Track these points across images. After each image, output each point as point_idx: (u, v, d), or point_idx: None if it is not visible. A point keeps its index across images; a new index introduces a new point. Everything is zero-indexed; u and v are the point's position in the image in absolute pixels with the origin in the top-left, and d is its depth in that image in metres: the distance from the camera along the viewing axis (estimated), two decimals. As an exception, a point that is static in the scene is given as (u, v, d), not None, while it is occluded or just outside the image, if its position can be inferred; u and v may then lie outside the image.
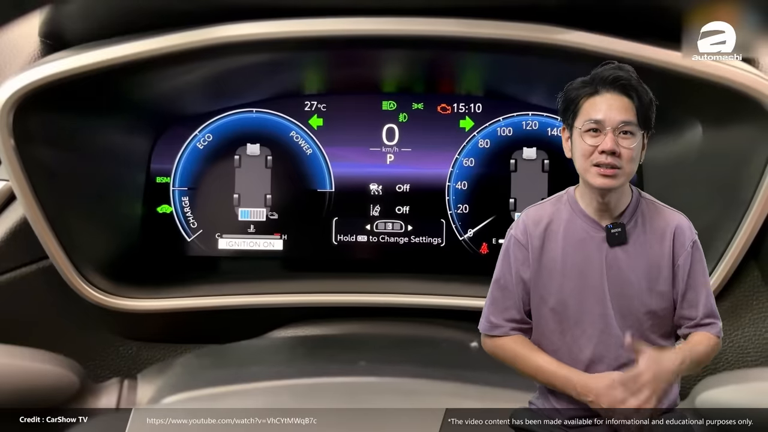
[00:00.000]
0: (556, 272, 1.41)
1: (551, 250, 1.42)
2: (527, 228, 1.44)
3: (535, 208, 1.48)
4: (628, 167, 1.34)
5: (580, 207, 1.42)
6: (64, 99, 1.89)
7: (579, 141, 1.36)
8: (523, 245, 1.44)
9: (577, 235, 1.41)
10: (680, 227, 1.40)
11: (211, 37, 1.81)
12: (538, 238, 1.43)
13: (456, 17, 1.80)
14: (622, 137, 1.33)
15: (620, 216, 1.40)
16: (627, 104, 1.34)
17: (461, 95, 2.32)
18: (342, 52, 2.00)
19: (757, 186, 1.83)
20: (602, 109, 1.34)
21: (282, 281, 2.19)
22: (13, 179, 1.86)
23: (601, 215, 1.40)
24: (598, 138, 1.34)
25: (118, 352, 2.14)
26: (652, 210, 1.42)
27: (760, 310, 1.93)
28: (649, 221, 1.40)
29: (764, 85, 1.73)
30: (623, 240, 1.38)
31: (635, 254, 1.38)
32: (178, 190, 2.33)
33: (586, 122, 1.35)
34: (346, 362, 1.84)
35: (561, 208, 1.44)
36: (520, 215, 1.48)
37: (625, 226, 1.39)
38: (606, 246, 1.38)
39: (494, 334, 1.46)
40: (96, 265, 2.05)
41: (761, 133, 1.79)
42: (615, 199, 1.38)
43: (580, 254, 1.40)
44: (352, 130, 2.33)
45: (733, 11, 1.31)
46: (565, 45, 1.77)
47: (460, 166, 2.32)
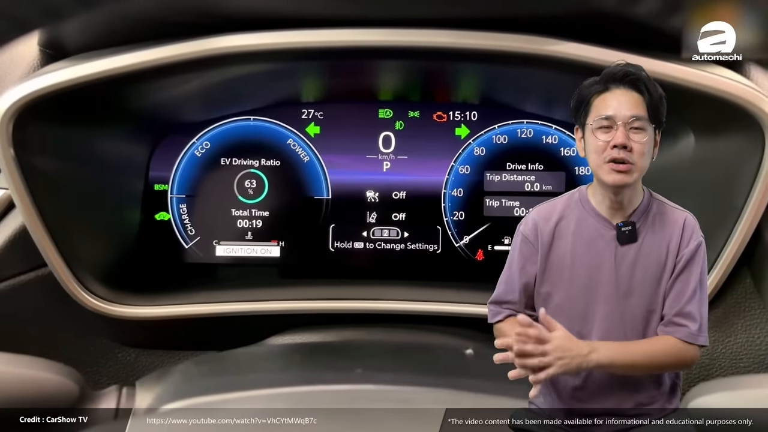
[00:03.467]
0: (565, 269, 1.42)
1: (561, 246, 1.44)
2: (537, 224, 1.47)
3: (546, 205, 1.50)
4: (641, 162, 1.35)
5: (592, 205, 1.43)
6: (64, 108, 1.90)
7: (591, 138, 1.38)
8: (530, 242, 1.47)
9: (587, 233, 1.42)
10: (688, 225, 1.41)
11: (208, 48, 1.82)
12: (548, 234, 1.45)
13: (451, 29, 1.82)
14: (634, 132, 1.34)
15: (631, 215, 1.41)
16: (637, 99, 1.36)
17: (457, 103, 2.33)
18: (338, 63, 2.01)
19: (749, 194, 1.84)
20: (612, 104, 1.36)
21: (279, 288, 2.21)
22: (12, 188, 1.87)
23: (613, 213, 1.41)
24: (610, 133, 1.35)
25: (116, 359, 2.14)
26: (662, 209, 1.43)
27: (753, 317, 1.95)
28: (659, 220, 1.41)
29: (755, 96, 1.75)
30: (633, 238, 1.39)
31: (645, 253, 1.39)
32: (176, 197, 2.35)
33: (597, 119, 1.36)
34: (343, 369, 1.85)
35: (572, 206, 1.46)
36: (531, 212, 1.51)
37: (636, 224, 1.40)
38: (616, 244, 1.40)
39: (494, 321, 1.51)
40: (94, 273, 2.05)
41: (752, 142, 1.80)
42: (628, 197, 1.40)
43: (590, 252, 1.41)
44: (349, 138, 2.34)
45: (733, 11, 1.33)
46: (559, 56, 1.79)
47: (456, 173, 2.33)
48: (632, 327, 1.39)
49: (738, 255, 1.89)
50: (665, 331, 1.38)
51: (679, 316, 1.37)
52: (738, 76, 1.79)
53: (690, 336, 1.36)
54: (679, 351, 1.36)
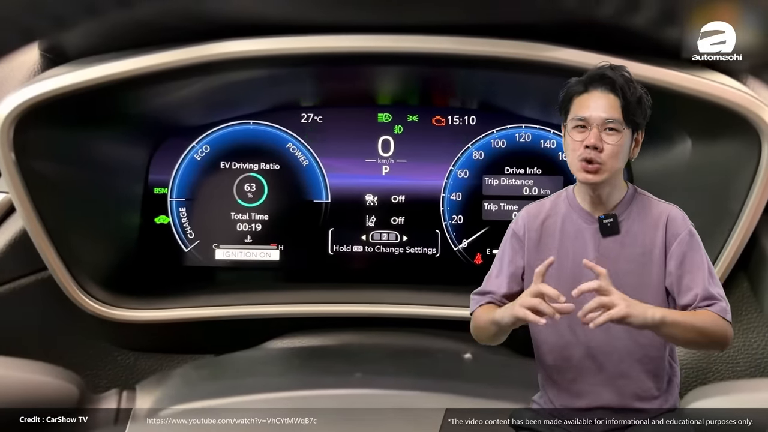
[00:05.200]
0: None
1: (548, 242, 1.47)
2: (526, 222, 1.51)
3: (535, 204, 1.55)
4: (610, 162, 1.37)
5: (577, 202, 1.47)
6: (64, 113, 1.91)
7: (568, 136, 1.42)
8: (519, 237, 1.51)
9: (572, 228, 1.46)
10: (672, 217, 1.42)
11: (208, 53, 1.84)
12: (535, 230, 1.49)
13: (450, 35, 1.83)
14: (607, 133, 1.37)
15: (614, 209, 1.44)
16: (612, 101, 1.38)
17: (455, 108, 2.35)
18: (338, 68, 2.02)
19: (746, 198, 1.86)
20: (589, 106, 1.39)
21: (278, 291, 2.21)
22: (13, 192, 1.87)
23: (595, 208, 1.45)
24: (584, 134, 1.38)
25: (116, 362, 2.15)
26: (646, 203, 1.45)
27: (749, 321, 1.96)
28: (642, 213, 1.44)
29: (752, 102, 1.76)
30: (615, 230, 1.42)
31: (628, 245, 1.42)
32: (176, 200, 2.36)
33: (574, 119, 1.40)
34: (342, 373, 1.86)
35: (559, 204, 1.50)
36: (521, 211, 1.56)
37: (617, 217, 1.42)
38: (599, 237, 1.43)
39: (472, 311, 1.54)
40: (94, 276, 2.06)
41: (749, 148, 1.82)
42: (606, 192, 1.43)
43: (575, 246, 1.44)
44: (348, 142, 2.35)
45: (733, 11, 1.33)
46: (557, 62, 1.81)
47: (455, 177, 2.34)
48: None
49: (735, 259, 1.90)
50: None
51: (705, 300, 1.37)
52: (735, 82, 1.80)
53: (723, 311, 1.37)
54: (722, 324, 1.36)
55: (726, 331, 1.37)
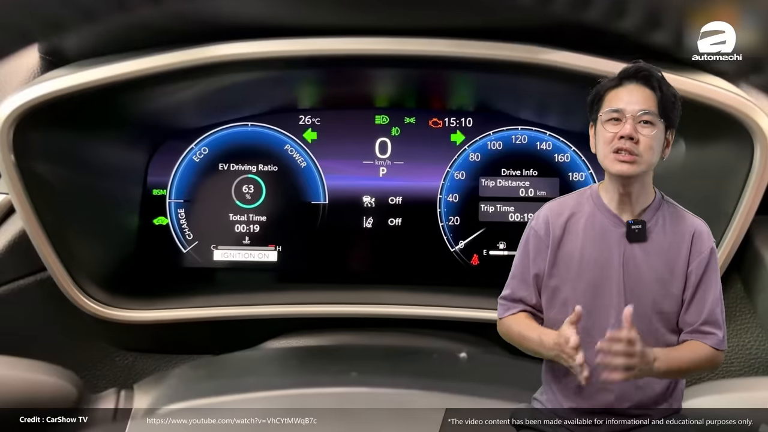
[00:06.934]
0: (574, 263, 1.43)
1: (570, 241, 1.44)
2: (548, 220, 1.47)
3: (557, 201, 1.51)
4: (647, 155, 1.35)
5: (603, 202, 1.44)
6: (64, 115, 1.92)
7: (601, 129, 1.40)
8: (541, 237, 1.47)
9: (597, 229, 1.43)
10: (699, 232, 1.41)
11: (206, 56, 1.85)
12: (559, 228, 1.45)
13: (446, 38, 1.84)
14: (642, 126, 1.35)
15: (642, 213, 1.41)
16: (648, 94, 1.37)
17: (452, 110, 2.36)
18: (335, 70, 2.04)
19: (739, 200, 1.87)
20: (623, 98, 1.37)
21: (276, 292, 2.22)
22: (12, 193, 1.88)
23: (622, 209, 1.42)
24: (619, 126, 1.36)
25: (114, 363, 2.16)
26: (673, 212, 1.43)
27: (743, 321, 1.97)
28: (669, 223, 1.42)
29: (746, 105, 1.78)
30: (643, 237, 1.40)
31: (653, 253, 1.40)
32: (174, 202, 2.37)
33: (608, 111, 1.38)
34: (339, 372, 1.87)
35: (583, 202, 1.47)
36: (542, 209, 1.51)
37: (646, 224, 1.40)
38: (625, 242, 1.40)
39: (505, 315, 1.51)
40: (93, 277, 2.07)
41: (741, 150, 1.83)
42: (636, 191, 1.40)
43: (599, 248, 1.42)
44: (346, 144, 2.36)
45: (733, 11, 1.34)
46: (552, 64, 1.82)
47: (452, 179, 2.36)
48: (636, 326, 1.40)
49: (728, 261, 1.91)
50: (694, 338, 1.39)
51: (707, 325, 1.39)
52: (729, 85, 1.81)
53: (719, 343, 1.39)
54: (713, 357, 1.39)
55: (717, 361, 1.40)
